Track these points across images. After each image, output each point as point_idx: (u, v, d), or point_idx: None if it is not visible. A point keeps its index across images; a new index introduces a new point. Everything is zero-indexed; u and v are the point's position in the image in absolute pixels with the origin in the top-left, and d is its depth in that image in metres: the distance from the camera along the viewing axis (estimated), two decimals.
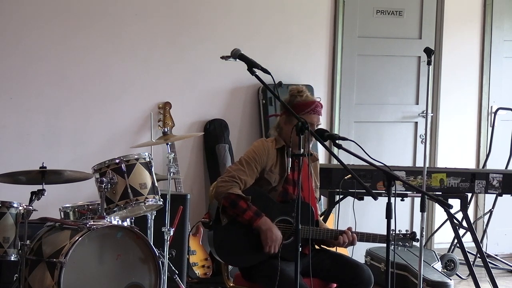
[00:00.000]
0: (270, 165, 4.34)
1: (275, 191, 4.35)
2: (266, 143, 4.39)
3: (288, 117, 4.34)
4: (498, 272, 6.79)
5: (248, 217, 4.21)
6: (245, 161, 4.33)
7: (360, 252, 6.32)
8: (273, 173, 4.35)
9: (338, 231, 4.36)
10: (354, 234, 4.35)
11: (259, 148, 4.36)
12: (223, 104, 6.58)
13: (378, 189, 5.50)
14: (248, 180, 4.29)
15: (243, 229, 4.25)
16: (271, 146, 4.37)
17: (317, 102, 4.35)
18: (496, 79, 7.41)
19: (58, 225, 4.48)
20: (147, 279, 4.51)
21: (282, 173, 4.35)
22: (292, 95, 4.35)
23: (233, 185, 4.24)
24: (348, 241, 4.33)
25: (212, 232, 4.29)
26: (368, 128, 7.07)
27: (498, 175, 5.71)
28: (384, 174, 3.66)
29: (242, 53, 3.92)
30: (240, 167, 4.31)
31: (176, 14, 6.43)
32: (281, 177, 4.35)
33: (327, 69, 6.91)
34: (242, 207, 4.21)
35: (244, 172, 4.29)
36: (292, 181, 4.36)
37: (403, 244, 4.39)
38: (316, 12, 6.84)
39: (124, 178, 4.62)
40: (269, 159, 4.35)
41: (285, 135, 4.35)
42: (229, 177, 4.28)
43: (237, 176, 4.27)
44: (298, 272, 3.75)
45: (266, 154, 4.34)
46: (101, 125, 6.24)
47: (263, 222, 4.20)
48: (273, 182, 4.35)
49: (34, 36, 6.04)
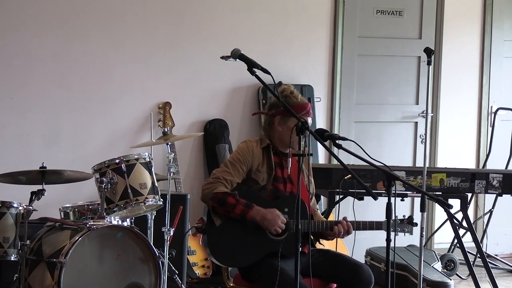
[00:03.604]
0: (256, 165, 4.35)
1: (265, 190, 4.35)
2: (250, 143, 4.40)
3: (283, 118, 4.34)
4: (498, 272, 6.80)
5: (239, 211, 4.21)
6: (229, 163, 4.34)
7: (360, 252, 6.32)
8: (261, 172, 4.35)
9: (333, 221, 4.36)
10: (349, 223, 4.35)
11: (243, 149, 4.37)
12: (223, 104, 6.58)
13: (378, 189, 5.50)
14: (233, 180, 4.29)
15: (237, 229, 4.25)
16: (255, 146, 4.38)
17: (309, 104, 4.39)
18: (496, 79, 7.41)
19: (58, 225, 4.48)
20: (147, 279, 4.51)
21: (269, 171, 4.36)
22: (285, 96, 4.33)
23: (218, 184, 4.25)
24: (343, 230, 4.32)
25: (206, 236, 4.29)
26: (368, 128, 7.08)
27: (498, 175, 5.70)
28: (384, 174, 3.66)
29: (242, 53, 3.92)
30: (225, 169, 4.32)
31: (176, 14, 6.43)
32: (269, 176, 4.36)
33: (327, 69, 6.91)
34: (231, 203, 4.21)
35: (229, 173, 4.29)
36: (282, 178, 4.38)
37: (402, 230, 4.38)
38: (316, 12, 6.84)
39: (124, 178, 4.62)
40: (255, 159, 4.35)
41: (280, 135, 4.35)
42: (214, 178, 4.29)
43: (221, 177, 4.28)
44: (298, 271, 3.75)
45: (251, 154, 4.35)
46: (101, 125, 6.24)
47: (256, 212, 4.21)
48: (261, 181, 4.35)
49: (34, 36, 6.04)
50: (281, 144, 4.39)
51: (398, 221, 4.38)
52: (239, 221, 4.24)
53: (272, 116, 4.40)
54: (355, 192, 5.32)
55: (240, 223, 4.24)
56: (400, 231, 4.38)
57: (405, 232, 4.41)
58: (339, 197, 5.57)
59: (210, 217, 4.27)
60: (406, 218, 4.41)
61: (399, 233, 4.36)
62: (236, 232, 4.25)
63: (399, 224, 4.37)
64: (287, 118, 4.29)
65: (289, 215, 4.28)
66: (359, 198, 5.32)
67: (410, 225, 4.40)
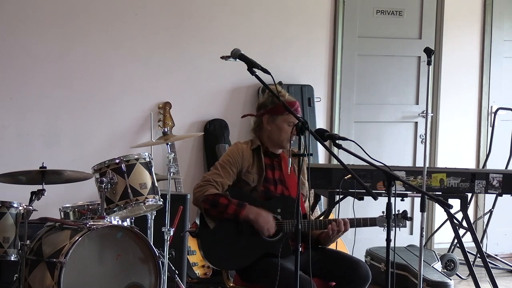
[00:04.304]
0: (246, 166, 4.36)
1: (256, 191, 4.36)
2: (240, 145, 4.42)
3: (271, 117, 4.35)
4: (498, 272, 6.80)
5: (232, 211, 4.22)
6: (219, 165, 4.36)
7: (360, 252, 6.32)
8: (251, 173, 4.36)
9: (328, 220, 4.35)
10: (345, 219, 4.33)
11: (233, 151, 4.39)
12: (223, 104, 6.58)
13: (378, 189, 5.49)
14: (224, 182, 4.30)
15: (231, 231, 4.25)
16: (245, 148, 4.39)
17: (298, 102, 4.39)
18: (496, 79, 7.41)
19: (58, 225, 4.48)
20: (147, 279, 4.51)
21: (260, 172, 4.37)
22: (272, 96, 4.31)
23: (208, 187, 4.27)
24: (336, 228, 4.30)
25: (199, 239, 4.29)
26: (368, 128, 7.07)
27: (498, 175, 5.70)
28: (384, 174, 3.66)
29: (242, 53, 3.92)
30: (215, 171, 4.34)
31: (176, 14, 6.43)
32: (259, 177, 4.36)
33: (327, 69, 6.91)
34: (224, 204, 4.22)
35: (219, 175, 4.31)
36: (273, 180, 4.39)
37: (397, 225, 4.38)
38: (316, 12, 6.84)
39: (124, 178, 4.62)
40: (245, 161, 4.36)
41: (269, 134, 4.35)
42: (204, 181, 4.31)
43: (211, 179, 4.30)
44: (298, 271, 3.74)
45: (241, 156, 4.36)
46: (101, 125, 6.24)
47: (249, 210, 4.22)
48: (252, 182, 4.36)
49: (34, 36, 6.04)
50: (271, 143, 4.40)
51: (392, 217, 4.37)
52: (233, 223, 4.24)
53: (260, 116, 4.41)
54: (355, 192, 5.31)
55: (234, 225, 4.25)
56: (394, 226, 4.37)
57: (400, 227, 4.41)
58: (339, 197, 5.57)
59: (203, 220, 4.28)
60: (400, 213, 4.42)
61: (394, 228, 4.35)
62: (230, 234, 4.26)
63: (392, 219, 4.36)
64: (275, 116, 4.33)
65: (282, 215, 4.29)
66: (359, 198, 5.31)
67: (404, 219, 4.41)
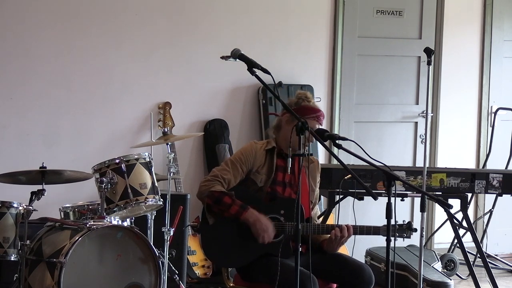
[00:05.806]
0: (257, 166, 4.35)
1: (261, 192, 4.35)
2: (255, 145, 4.41)
3: (291, 117, 4.34)
4: (498, 272, 6.80)
5: (234, 211, 4.22)
6: (230, 161, 4.36)
7: (360, 252, 6.32)
8: (260, 173, 4.35)
9: (330, 225, 4.33)
10: (348, 225, 4.30)
11: (247, 149, 4.38)
12: (223, 104, 6.58)
13: (378, 189, 5.50)
14: (231, 179, 4.30)
15: (230, 229, 4.25)
16: (259, 148, 4.39)
17: (322, 112, 4.37)
18: (496, 79, 7.41)
19: (58, 225, 4.48)
20: (147, 279, 4.51)
21: (269, 173, 4.36)
22: (299, 98, 4.34)
23: (215, 183, 4.27)
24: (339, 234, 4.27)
25: (200, 234, 4.30)
26: (368, 128, 7.07)
27: (498, 175, 5.70)
28: (384, 174, 3.66)
29: (242, 53, 3.92)
30: (225, 167, 4.33)
31: (176, 14, 6.43)
32: (268, 178, 4.35)
33: (327, 69, 6.91)
34: (227, 203, 4.22)
35: (228, 172, 4.30)
36: (282, 182, 4.37)
37: (401, 235, 4.36)
38: (316, 12, 6.84)
39: (124, 178, 4.62)
40: (257, 160, 4.36)
41: (284, 134, 4.35)
42: (212, 176, 4.31)
43: (220, 175, 4.29)
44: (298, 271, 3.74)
45: (253, 155, 4.35)
46: (101, 125, 6.24)
47: (250, 214, 4.21)
48: (259, 182, 4.35)
49: (34, 36, 6.04)
50: (285, 145, 4.37)
51: (397, 227, 4.36)
52: (232, 221, 4.24)
53: (282, 115, 4.41)
54: (355, 192, 5.31)
55: (233, 224, 4.25)
56: (398, 236, 4.36)
57: (404, 237, 4.39)
58: (339, 197, 5.57)
59: (204, 216, 4.29)
60: (406, 224, 4.38)
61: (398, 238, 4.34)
62: (229, 232, 4.26)
63: (398, 230, 4.35)
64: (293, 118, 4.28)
65: (285, 217, 4.28)
66: (359, 198, 5.31)
67: (409, 230, 4.38)
